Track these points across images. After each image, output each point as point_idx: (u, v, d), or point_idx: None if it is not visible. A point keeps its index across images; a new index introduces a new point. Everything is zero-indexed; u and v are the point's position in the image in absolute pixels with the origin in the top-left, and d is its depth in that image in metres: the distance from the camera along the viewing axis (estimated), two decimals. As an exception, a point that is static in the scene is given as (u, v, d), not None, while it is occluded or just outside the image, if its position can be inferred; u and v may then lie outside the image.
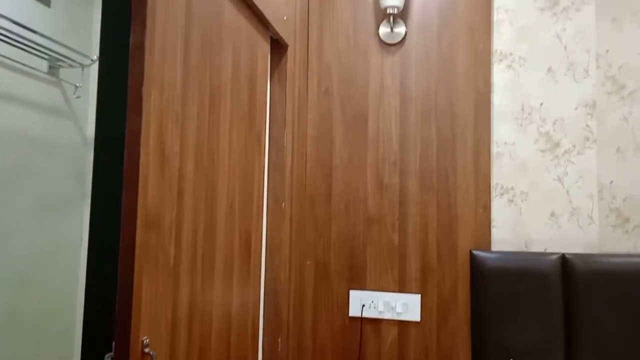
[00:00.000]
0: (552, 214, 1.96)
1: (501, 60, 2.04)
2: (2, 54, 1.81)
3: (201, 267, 1.26)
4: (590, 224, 1.94)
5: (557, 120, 1.98)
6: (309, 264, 2.17)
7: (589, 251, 1.93)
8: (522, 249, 1.98)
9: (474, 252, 1.95)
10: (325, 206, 2.17)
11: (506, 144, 2.02)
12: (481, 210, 2.02)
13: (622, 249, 1.92)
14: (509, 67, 2.03)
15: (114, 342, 0.97)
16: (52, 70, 2.04)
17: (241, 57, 1.52)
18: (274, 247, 1.84)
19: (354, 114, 2.17)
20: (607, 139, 1.95)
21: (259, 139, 1.69)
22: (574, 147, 1.96)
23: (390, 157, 2.12)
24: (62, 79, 2.09)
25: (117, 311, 0.97)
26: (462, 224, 2.04)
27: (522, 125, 2.01)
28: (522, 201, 1.99)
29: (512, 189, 2.00)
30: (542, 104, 2.00)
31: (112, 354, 0.97)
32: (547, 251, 1.94)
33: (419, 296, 2.05)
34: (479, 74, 2.06)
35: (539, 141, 1.99)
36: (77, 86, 2.15)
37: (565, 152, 1.97)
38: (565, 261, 1.86)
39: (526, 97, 2.01)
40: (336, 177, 2.17)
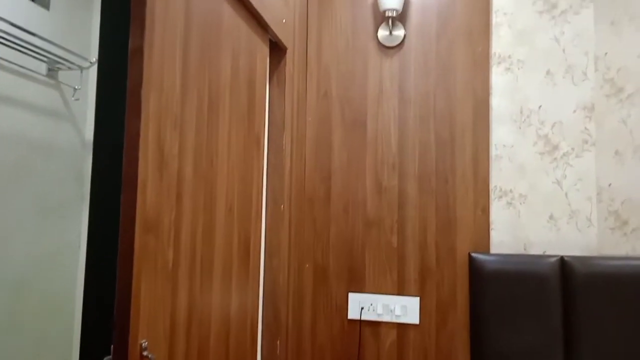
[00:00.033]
0: (551, 217, 1.97)
1: (500, 63, 2.04)
2: (1, 57, 1.81)
3: (200, 270, 1.26)
4: (589, 226, 1.94)
5: (555, 123, 1.99)
6: (307, 266, 2.17)
7: (587, 254, 1.93)
8: (521, 251, 1.98)
9: (472, 254, 1.95)
10: (324, 209, 2.17)
11: (505, 146, 2.02)
12: (480, 212, 2.02)
13: (621, 252, 1.92)
14: (508, 69, 2.04)
15: (112, 345, 0.97)
16: (51, 72, 2.04)
17: (240, 60, 1.52)
18: (272, 250, 1.83)
19: (353, 117, 2.17)
20: (605, 141, 1.95)
21: (258, 141, 1.69)
22: (573, 149, 1.96)
23: (389, 159, 2.12)
24: (61, 82, 2.09)
25: (115, 314, 0.97)
26: (461, 226, 2.04)
27: (520, 128, 2.01)
28: (520, 204, 1.99)
29: (511, 191, 2.01)
30: (540, 107, 2.00)
31: (110, 356, 0.97)
32: (546, 254, 1.94)
33: (418, 299, 2.05)
34: (478, 76, 2.07)
35: (538, 144, 1.99)
36: (75, 89, 2.15)
37: (563, 154, 1.97)
38: (564, 264, 1.86)
39: (525, 99, 2.02)
40: (335, 179, 2.17)
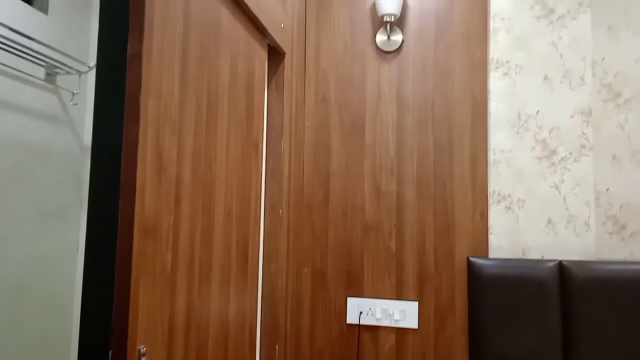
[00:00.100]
0: (549, 221, 1.97)
1: (497, 68, 2.05)
2: (-1, 61, 1.81)
3: (198, 275, 1.26)
4: (587, 231, 1.94)
5: (553, 127, 1.99)
6: (306, 271, 2.16)
7: (586, 258, 1.93)
8: (519, 256, 1.98)
9: (471, 259, 1.95)
10: (322, 213, 2.17)
11: (503, 151, 2.03)
12: (478, 217, 2.03)
13: (619, 256, 1.92)
14: (506, 74, 2.04)
15: (110, 351, 0.97)
16: (49, 77, 2.04)
17: (239, 65, 1.52)
18: (271, 254, 1.83)
19: (351, 121, 2.18)
20: (603, 146, 1.96)
21: (257, 146, 1.69)
22: (571, 154, 1.97)
23: (387, 164, 2.12)
24: (59, 86, 2.09)
25: (113, 319, 0.97)
26: (459, 231, 2.04)
27: (518, 132, 2.02)
28: (519, 208, 2.00)
29: (509, 196, 2.01)
30: (538, 112, 2.01)
31: (108, 363, 0.97)
32: (544, 258, 1.94)
33: (417, 303, 2.05)
34: (476, 81, 2.07)
35: (536, 149, 2.00)
36: (74, 93, 2.15)
37: (561, 159, 1.97)
38: (562, 268, 1.87)
39: (522, 104, 2.02)
40: (333, 184, 2.17)
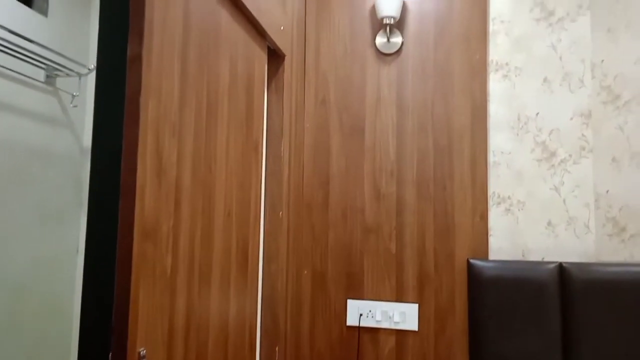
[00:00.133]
0: (549, 223, 1.97)
1: (497, 70, 2.05)
2: (-1, 63, 1.81)
3: (198, 277, 1.26)
4: (587, 233, 1.94)
5: (553, 129, 1.99)
6: (306, 272, 2.16)
7: (585, 260, 1.93)
8: (519, 258, 1.98)
9: (471, 261, 1.95)
10: (322, 215, 2.17)
11: (502, 153, 2.03)
12: (478, 219, 2.03)
13: (619, 258, 1.92)
14: (505, 77, 2.05)
15: (110, 352, 0.97)
16: (49, 79, 2.04)
17: (238, 67, 1.52)
18: (271, 256, 1.83)
19: (351, 123, 2.18)
20: (602, 148, 1.96)
21: (257, 147, 1.69)
22: (570, 156, 1.97)
23: (387, 166, 2.12)
24: (59, 88, 2.09)
25: (113, 322, 0.97)
26: (459, 233, 2.04)
27: (518, 134, 2.02)
28: (519, 210, 2.00)
29: (509, 198, 2.01)
30: (538, 114, 2.01)
31: (109, 365, 0.97)
32: (544, 260, 1.94)
33: (417, 305, 2.05)
34: (475, 83, 2.07)
35: (535, 151, 2.00)
36: (74, 95, 2.16)
37: (561, 161, 1.98)
38: (562, 270, 1.86)
39: (522, 106, 2.03)
40: (333, 186, 2.17)
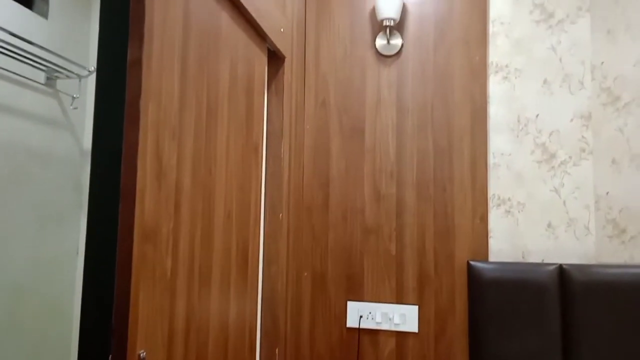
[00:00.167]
0: (549, 225, 1.97)
1: (497, 72, 2.05)
2: None
3: (198, 279, 1.26)
4: (587, 234, 1.94)
5: (553, 131, 1.99)
6: (306, 274, 2.16)
7: (585, 262, 1.93)
8: (519, 259, 1.98)
9: (471, 262, 1.95)
10: (322, 216, 2.17)
11: (502, 155, 2.03)
12: (478, 220, 2.03)
13: (619, 260, 1.92)
14: (505, 78, 2.05)
15: (110, 354, 0.97)
16: (50, 81, 2.04)
17: (238, 69, 1.52)
18: (271, 258, 1.83)
19: (351, 125, 2.18)
20: (602, 150, 1.96)
21: (257, 149, 1.69)
22: (570, 158, 1.97)
23: (387, 168, 2.12)
24: (59, 90, 2.09)
25: (113, 324, 0.97)
26: (459, 234, 2.04)
27: (518, 136, 2.02)
28: (519, 212, 2.00)
29: (509, 199, 2.01)
30: (537, 116, 2.01)
31: (108, 367, 0.97)
32: (544, 262, 1.94)
33: (417, 307, 2.05)
34: (475, 85, 2.07)
35: (535, 152, 2.00)
36: (74, 97, 2.16)
37: (561, 163, 1.98)
38: (562, 272, 1.86)
39: (522, 108, 2.03)
40: (333, 187, 2.17)
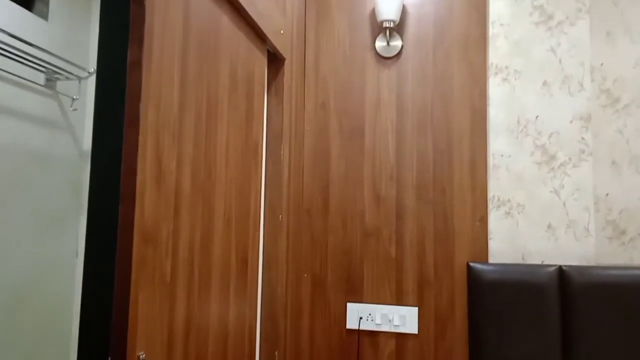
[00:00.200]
0: (549, 226, 1.97)
1: (497, 73, 2.05)
2: (-1, 67, 1.81)
3: (198, 281, 1.26)
4: (586, 236, 1.94)
5: (552, 133, 1.99)
6: (305, 276, 2.16)
7: (585, 263, 1.93)
8: (519, 261, 1.98)
9: (471, 264, 1.95)
10: (322, 219, 2.17)
11: (502, 156, 2.03)
12: (478, 222, 2.03)
13: (619, 261, 1.92)
14: (505, 80, 2.05)
15: (109, 357, 0.97)
16: (49, 82, 2.04)
17: (238, 71, 1.52)
18: (270, 260, 1.83)
19: (351, 127, 2.18)
20: (602, 151, 1.96)
21: (256, 151, 1.69)
22: (570, 159, 1.97)
23: (386, 170, 2.12)
24: (59, 92, 2.09)
25: (113, 327, 0.97)
26: (459, 236, 2.04)
27: (518, 138, 2.02)
28: (518, 213, 2.00)
29: (509, 201, 2.01)
30: (537, 117, 2.01)
31: (108, 370, 0.97)
32: (544, 263, 1.94)
33: (417, 309, 2.05)
34: (475, 87, 2.08)
35: (535, 154, 2.00)
36: (74, 99, 2.16)
37: (561, 164, 1.98)
38: (562, 273, 1.86)
39: (522, 110, 2.03)
40: (333, 190, 2.17)
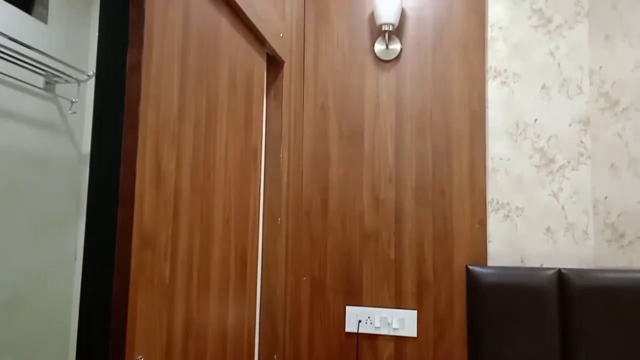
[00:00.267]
0: (548, 229, 1.97)
1: (495, 76, 2.06)
2: (-2, 70, 1.81)
3: (197, 285, 1.26)
4: (585, 239, 1.94)
5: (551, 136, 2.00)
6: (304, 279, 2.16)
7: (584, 266, 1.93)
8: (518, 264, 1.98)
9: (470, 267, 1.95)
10: (321, 221, 2.17)
11: (501, 159, 2.03)
12: (477, 225, 2.03)
13: (618, 264, 1.92)
14: (504, 83, 2.05)
15: (108, 361, 0.96)
16: (48, 85, 2.04)
17: (237, 74, 1.52)
18: (269, 263, 1.83)
19: (350, 130, 2.18)
20: (601, 154, 1.96)
21: (255, 154, 1.69)
22: (569, 162, 1.97)
23: (385, 172, 2.12)
24: (58, 95, 2.09)
25: (111, 330, 0.96)
26: (458, 239, 2.04)
27: (516, 141, 2.02)
28: (517, 216, 2.00)
29: (508, 204, 2.01)
30: (536, 120, 2.01)
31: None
32: (543, 266, 1.94)
33: (416, 312, 2.04)
34: (474, 90, 2.08)
35: (534, 157, 2.00)
36: (73, 102, 2.16)
37: (559, 167, 1.98)
38: (561, 276, 1.86)
39: (520, 113, 2.03)
40: (332, 192, 2.17)
